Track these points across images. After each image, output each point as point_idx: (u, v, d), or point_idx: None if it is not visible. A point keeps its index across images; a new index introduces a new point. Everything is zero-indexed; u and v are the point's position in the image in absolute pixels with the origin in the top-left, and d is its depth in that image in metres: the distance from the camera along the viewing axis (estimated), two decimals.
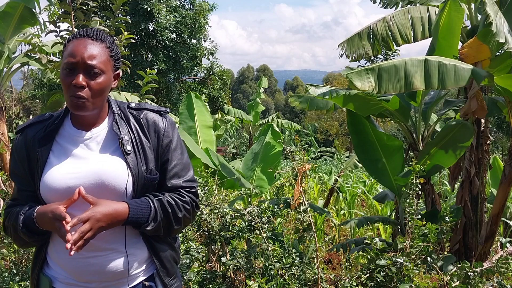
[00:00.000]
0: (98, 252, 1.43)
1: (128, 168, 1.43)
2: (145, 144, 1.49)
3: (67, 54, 1.39)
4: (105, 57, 1.42)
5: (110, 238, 1.43)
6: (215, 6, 18.28)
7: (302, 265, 2.90)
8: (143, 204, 1.43)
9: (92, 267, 1.42)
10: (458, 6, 4.00)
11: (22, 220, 1.41)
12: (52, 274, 1.48)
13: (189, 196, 1.52)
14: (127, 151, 1.45)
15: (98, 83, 1.39)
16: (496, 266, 2.94)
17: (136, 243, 1.48)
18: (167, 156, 1.51)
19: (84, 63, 1.37)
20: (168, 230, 1.49)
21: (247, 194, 3.56)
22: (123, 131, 1.47)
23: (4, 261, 3.53)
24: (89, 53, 1.38)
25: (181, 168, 1.54)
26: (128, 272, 1.46)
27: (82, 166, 1.43)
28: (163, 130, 1.52)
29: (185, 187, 1.53)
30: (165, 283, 1.52)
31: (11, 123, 8.78)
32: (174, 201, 1.48)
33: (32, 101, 15.81)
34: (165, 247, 1.54)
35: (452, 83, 3.63)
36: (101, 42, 1.42)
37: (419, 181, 3.11)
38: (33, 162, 1.46)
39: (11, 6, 5.28)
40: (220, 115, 13.37)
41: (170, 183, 1.51)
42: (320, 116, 33.99)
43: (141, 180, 1.45)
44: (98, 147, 1.47)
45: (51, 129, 1.48)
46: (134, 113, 1.53)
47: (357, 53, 5.04)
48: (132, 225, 1.42)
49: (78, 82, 1.36)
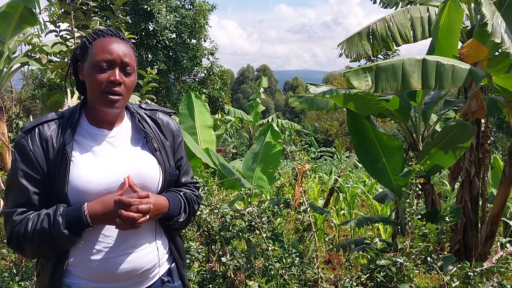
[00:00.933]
0: (130, 249, 1.43)
1: (158, 164, 1.49)
2: (165, 142, 1.56)
3: (100, 51, 1.38)
4: (134, 57, 1.46)
5: (142, 233, 1.46)
6: (215, 6, 18.28)
7: (302, 265, 2.90)
8: (175, 197, 1.52)
9: (125, 265, 1.42)
10: (458, 6, 4.00)
11: (63, 222, 1.31)
12: (72, 281, 1.41)
13: (197, 191, 1.64)
14: (155, 148, 1.51)
15: (132, 80, 1.42)
16: (496, 266, 2.94)
17: (162, 237, 1.55)
18: (180, 154, 1.61)
19: (121, 61, 1.39)
20: (187, 223, 1.58)
21: (247, 194, 3.56)
22: (148, 130, 1.53)
23: (4, 261, 3.53)
24: (125, 51, 1.41)
25: (187, 166, 1.66)
26: (159, 265, 1.51)
27: (115, 164, 1.43)
28: (176, 130, 1.62)
29: (193, 183, 1.65)
30: (182, 274, 1.59)
31: (11, 123, 8.79)
32: (190, 195, 1.58)
33: (32, 101, 15.82)
34: (180, 240, 1.63)
35: (450, 83, 3.62)
36: (127, 43, 1.45)
37: (419, 181, 3.11)
38: (53, 161, 1.38)
39: (11, 6, 5.28)
40: (220, 115, 13.37)
41: (183, 179, 1.62)
42: (320, 116, 33.99)
43: (168, 176, 1.52)
44: (124, 145, 1.48)
45: (71, 127, 1.42)
46: (148, 113, 1.59)
47: (357, 53, 5.03)
48: (167, 218, 1.48)
49: (117, 78, 1.37)
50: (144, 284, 1.49)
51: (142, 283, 1.48)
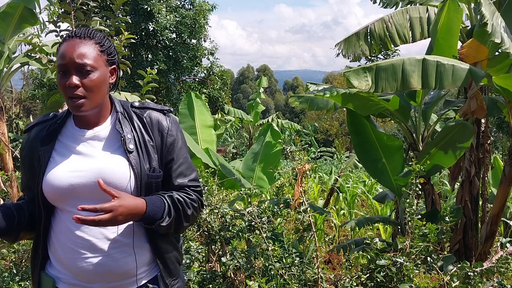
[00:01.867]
0: (104, 252, 1.42)
1: (130, 166, 1.43)
2: (148, 142, 1.49)
3: (58, 57, 1.41)
4: (95, 53, 1.41)
5: (118, 237, 1.43)
6: (215, 6, 18.28)
7: (302, 265, 2.90)
8: (157, 200, 1.43)
9: (98, 267, 1.41)
10: (457, 6, 3.99)
11: None
12: (55, 274, 1.47)
13: (195, 194, 1.54)
14: (129, 150, 1.45)
15: (92, 80, 1.39)
16: (496, 266, 2.93)
17: (142, 244, 1.48)
18: (172, 155, 1.52)
19: (74, 63, 1.37)
20: (177, 228, 1.49)
21: (247, 194, 3.56)
22: (126, 130, 1.48)
23: (4, 261, 3.53)
24: (78, 52, 1.38)
25: (186, 167, 1.55)
26: (137, 272, 1.46)
27: (84, 164, 1.44)
28: (167, 129, 1.52)
29: (191, 186, 1.54)
30: (166, 283, 1.51)
31: (11, 123, 8.79)
32: (183, 198, 1.49)
33: (32, 101, 15.83)
34: (170, 248, 1.54)
35: (450, 83, 3.62)
36: (89, 39, 1.42)
37: (419, 181, 3.11)
38: (36, 161, 1.47)
39: (11, 6, 5.28)
40: (220, 115, 13.36)
41: (177, 182, 1.52)
42: (320, 116, 33.98)
43: (144, 179, 1.45)
44: (100, 146, 1.47)
45: (54, 128, 1.50)
46: (138, 112, 1.54)
47: (354, 53, 5.03)
48: (146, 221, 1.41)
49: (72, 82, 1.37)
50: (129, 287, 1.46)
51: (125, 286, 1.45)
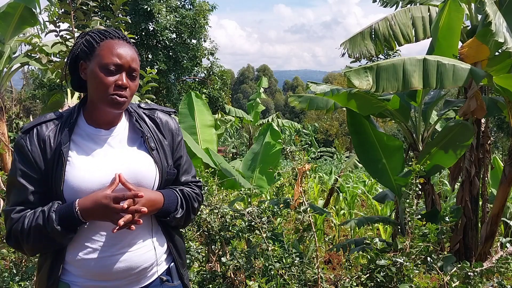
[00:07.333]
0: (126, 248, 1.44)
1: (155, 163, 1.50)
2: (163, 141, 1.56)
3: (110, 53, 1.39)
4: (139, 61, 1.49)
5: (138, 231, 1.45)
6: (215, 6, 18.27)
7: (302, 265, 2.89)
8: (171, 193, 1.52)
9: (121, 264, 1.42)
10: (458, 6, 4.00)
11: (56, 218, 1.33)
12: (70, 279, 1.43)
13: (198, 189, 1.64)
14: (152, 147, 1.51)
15: (136, 85, 1.46)
16: (496, 266, 2.93)
17: (159, 236, 1.54)
18: (180, 153, 1.62)
19: (129, 66, 1.42)
20: (187, 220, 1.58)
21: (247, 194, 3.56)
22: (145, 129, 1.54)
23: (4, 261, 3.53)
24: (133, 56, 1.44)
25: (188, 164, 1.66)
26: (157, 264, 1.51)
27: (111, 164, 1.44)
28: (175, 129, 1.63)
29: (194, 182, 1.65)
30: (181, 273, 1.59)
31: (11, 123, 8.78)
32: (189, 192, 1.59)
33: (32, 101, 15.84)
34: (180, 240, 1.62)
35: (451, 82, 3.63)
36: (132, 47, 1.48)
37: (419, 181, 3.11)
38: (50, 161, 1.40)
39: (11, 6, 5.29)
40: (220, 115, 13.36)
41: (183, 179, 1.62)
42: (320, 116, 34.00)
43: (165, 175, 1.53)
44: (121, 145, 1.49)
45: (68, 128, 1.44)
46: (147, 112, 1.60)
47: (360, 52, 5.04)
48: (163, 214, 1.48)
49: (125, 83, 1.40)
50: (142, 283, 1.49)
51: (139, 282, 1.48)
